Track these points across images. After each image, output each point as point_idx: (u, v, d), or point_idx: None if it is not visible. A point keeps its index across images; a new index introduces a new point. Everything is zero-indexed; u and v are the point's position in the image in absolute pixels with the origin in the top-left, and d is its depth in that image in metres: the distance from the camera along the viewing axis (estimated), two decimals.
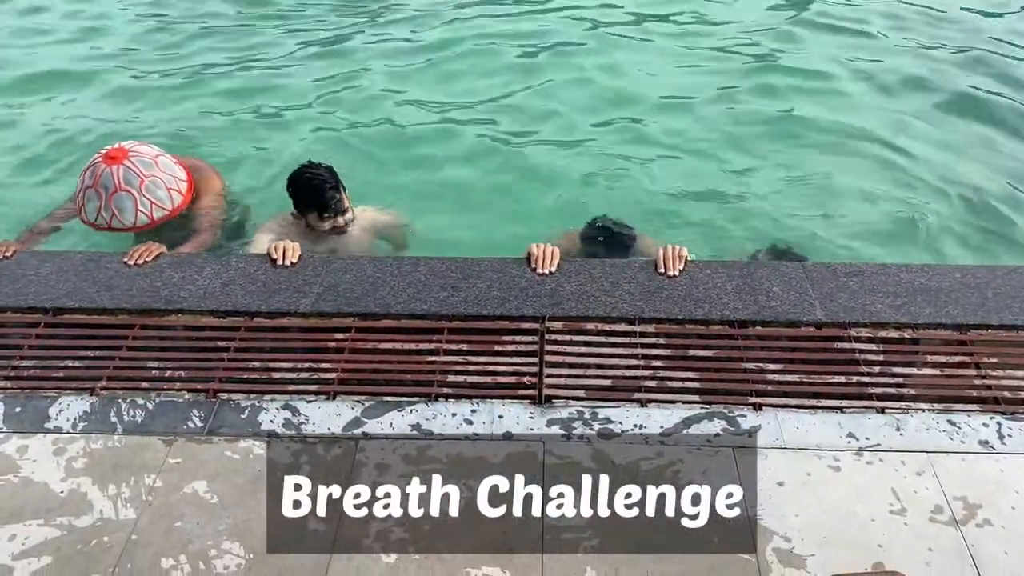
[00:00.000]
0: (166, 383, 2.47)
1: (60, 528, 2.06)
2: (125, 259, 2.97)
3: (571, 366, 2.50)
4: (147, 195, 3.42)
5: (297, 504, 2.08)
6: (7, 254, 3.02)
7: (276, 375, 2.50)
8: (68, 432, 2.32)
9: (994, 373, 2.46)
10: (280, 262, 2.94)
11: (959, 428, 2.29)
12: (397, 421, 2.33)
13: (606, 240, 3.38)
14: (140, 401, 2.41)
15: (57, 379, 2.50)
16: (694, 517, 2.04)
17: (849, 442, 2.25)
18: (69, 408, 2.40)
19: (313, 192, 3.37)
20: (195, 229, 3.56)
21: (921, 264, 2.90)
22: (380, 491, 2.11)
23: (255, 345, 2.60)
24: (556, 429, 2.30)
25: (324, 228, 3.42)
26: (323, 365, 2.52)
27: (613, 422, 2.31)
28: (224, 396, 2.43)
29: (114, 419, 2.36)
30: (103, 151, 3.48)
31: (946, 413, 2.34)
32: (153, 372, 2.51)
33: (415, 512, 2.06)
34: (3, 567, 1.97)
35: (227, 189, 3.82)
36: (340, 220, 3.42)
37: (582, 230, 3.41)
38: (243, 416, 2.36)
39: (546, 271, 2.86)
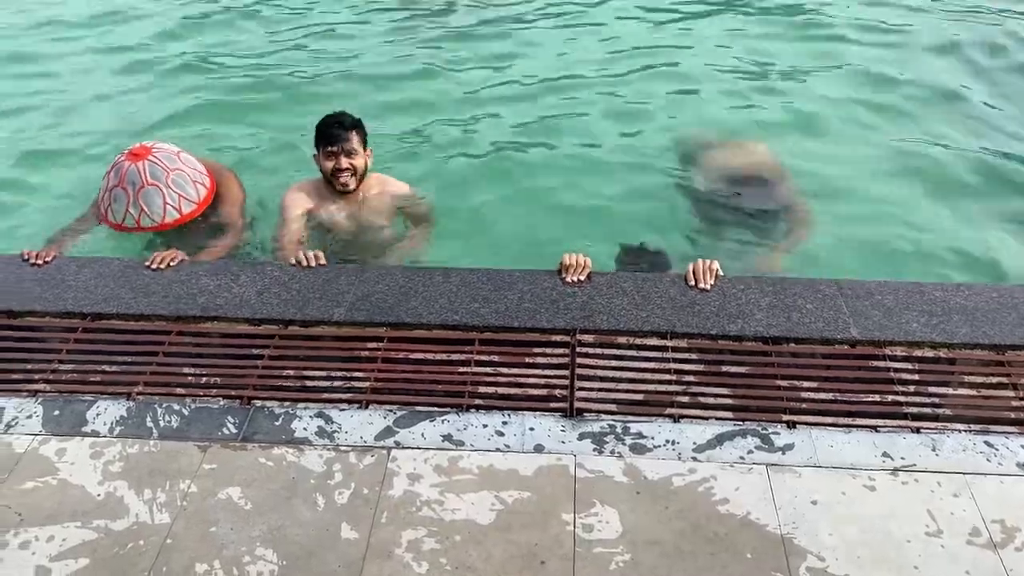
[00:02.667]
0: (201, 389, 2.50)
1: (97, 531, 2.09)
2: (147, 264, 3.01)
3: (602, 379, 2.50)
4: (174, 188, 3.43)
5: (329, 512, 2.10)
6: (47, 259, 3.08)
7: (310, 383, 2.52)
8: (105, 436, 2.36)
9: None
10: (306, 265, 3.02)
11: (997, 450, 2.26)
12: (429, 431, 2.34)
13: (650, 262, 3.39)
14: (176, 407, 2.44)
15: (95, 383, 2.54)
16: (726, 534, 2.03)
17: (884, 461, 2.23)
18: (106, 412, 2.43)
19: (322, 124, 3.54)
20: (221, 231, 3.60)
21: (957, 283, 2.88)
22: (411, 501, 2.13)
23: (289, 353, 2.62)
24: (588, 443, 2.29)
25: (328, 168, 3.53)
26: (356, 374, 2.54)
27: (645, 437, 2.30)
28: (258, 403, 2.45)
29: (150, 424, 2.39)
30: (124, 151, 3.50)
31: (983, 434, 2.31)
32: (189, 378, 2.54)
33: (447, 522, 2.07)
34: (41, 568, 2.00)
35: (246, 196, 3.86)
36: (344, 162, 3.51)
37: (618, 253, 3.43)
38: (277, 423, 2.38)
39: (574, 279, 2.87)
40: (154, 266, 3.02)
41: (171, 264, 3.03)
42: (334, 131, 3.50)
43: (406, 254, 3.64)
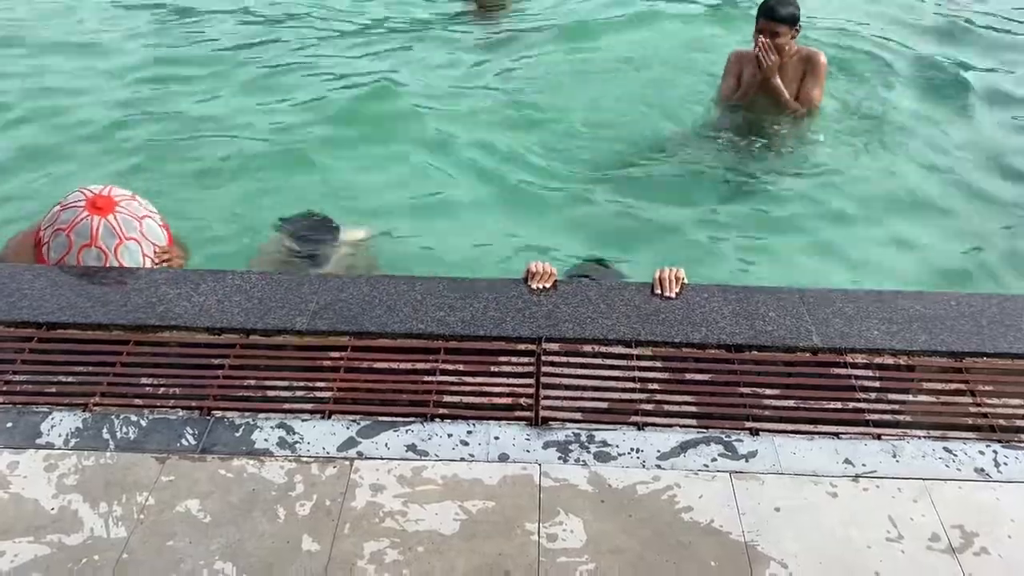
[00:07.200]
0: (160, 400, 2.46)
1: (50, 546, 2.03)
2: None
3: (568, 388, 2.50)
4: (149, 238, 3.14)
5: (290, 524, 2.07)
6: None
7: (271, 393, 2.48)
8: (60, 448, 2.30)
9: (989, 401, 2.46)
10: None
11: (955, 456, 2.29)
12: (392, 441, 2.32)
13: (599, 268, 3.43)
14: (133, 418, 2.39)
15: (50, 394, 2.48)
16: (690, 543, 2.03)
17: (846, 468, 2.24)
18: (61, 424, 2.37)
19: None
20: None
21: (916, 291, 2.92)
22: (374, 512, 2.10)
23: (250, 363, 2.59)
24: (552, 451, 2.29)
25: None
26: (318, 384, 2.51)
27: (610, 445, 2.30)
28: (218, 414, 2.41)
29: (107, 436, 2.34)
30: (79, 203, 3.08)
31: (942, 440, 2.34)
32: (147, 389, 2.49)
33: (410, 533, 2.05)
34: None
35: None
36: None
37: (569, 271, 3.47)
38: (237, 434, 2.34)
39: (540, 286, 2.87)
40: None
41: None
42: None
43: None
